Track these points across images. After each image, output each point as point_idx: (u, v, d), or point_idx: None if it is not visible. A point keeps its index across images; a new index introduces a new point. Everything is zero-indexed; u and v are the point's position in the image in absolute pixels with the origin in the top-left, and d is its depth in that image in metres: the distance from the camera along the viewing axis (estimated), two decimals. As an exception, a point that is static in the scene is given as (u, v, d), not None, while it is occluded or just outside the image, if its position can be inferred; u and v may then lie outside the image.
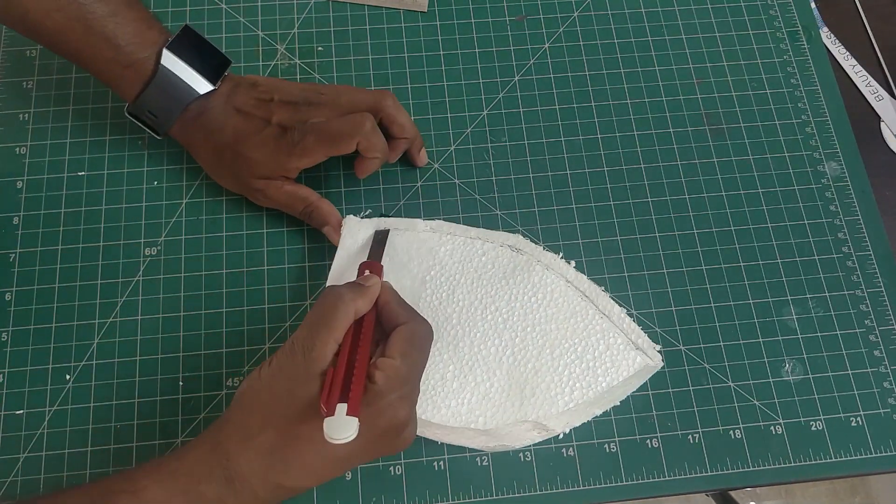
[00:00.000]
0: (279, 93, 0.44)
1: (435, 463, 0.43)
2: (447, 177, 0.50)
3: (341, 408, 0.31)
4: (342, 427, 0.30)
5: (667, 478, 0.43)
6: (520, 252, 0.46)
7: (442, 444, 0.43)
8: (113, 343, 0.45)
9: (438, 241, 0.46)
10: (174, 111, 0.44)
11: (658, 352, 0.45)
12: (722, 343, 0.46)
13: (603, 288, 0.46)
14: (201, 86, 0.44)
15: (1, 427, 0.43)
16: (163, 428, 0.43)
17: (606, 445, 0.43)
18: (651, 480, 0.43)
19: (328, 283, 0.44)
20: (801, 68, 0.54)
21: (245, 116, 0.44)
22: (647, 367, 0.44)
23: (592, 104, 0.52)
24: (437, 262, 0.46)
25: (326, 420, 0.31)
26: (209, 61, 0.44)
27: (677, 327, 0.46)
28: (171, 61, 0.43)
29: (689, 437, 0.44)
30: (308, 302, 0.46)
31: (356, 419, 0.31)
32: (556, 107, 0.52)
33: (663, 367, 0.45)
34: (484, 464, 0.43)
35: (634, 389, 0.44)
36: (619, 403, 0.44)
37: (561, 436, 0.43)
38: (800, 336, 0.46)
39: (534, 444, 0.43)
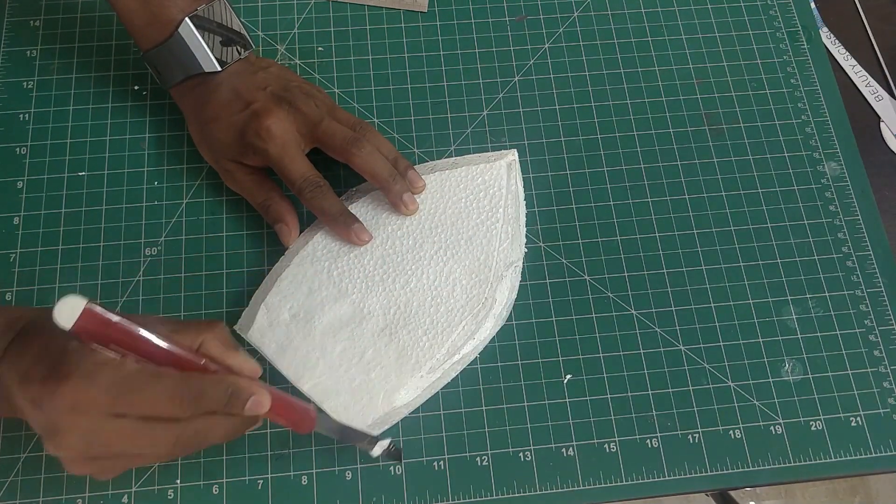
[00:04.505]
0: (275, 84, 0.45)
1: (435, 463, 0.43)
2: (447, 177, 0.50)
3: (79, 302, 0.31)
4: (68, 303, 0.31)
5: (666, 478, 0.43)
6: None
7: (443, 443, 0.43)
8: (113, 343, 0.45)
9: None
10: (175, 77, 0.46)
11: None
12: (722, 343, 0.46)
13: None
14: (209, 64, 0.45)
15: (1, 427, 0.43)
16: (163, 428, 0.43)
17: (606, 445, 0.43)
18: (651, 480, 0.43)
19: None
20: (800, 68, 0.54)
21: (232, 98, 0.45)
22: (501, 171, 0.46)
23: (592, 104, 0.52)
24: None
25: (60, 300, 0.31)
26: (230, 41, 0.45)
27: (677, 327, 0.46)
28: (187, 32, 0.44)
29: (689, 436, 0.44)
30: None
31: (83, 303, 0.31)
32: (556, 107, 0.52)
33: (663, 367, 0.45)
34: (484, 464, 0.43)
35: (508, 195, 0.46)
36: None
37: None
38: (799, 336, 0.46)
39: (533, 445, 0.43)
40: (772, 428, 0.44)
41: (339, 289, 0.44)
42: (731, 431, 0.44)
